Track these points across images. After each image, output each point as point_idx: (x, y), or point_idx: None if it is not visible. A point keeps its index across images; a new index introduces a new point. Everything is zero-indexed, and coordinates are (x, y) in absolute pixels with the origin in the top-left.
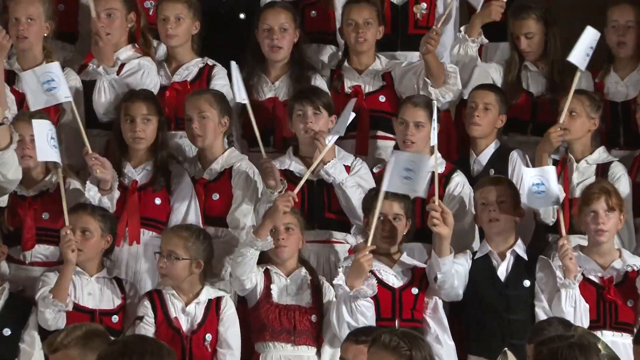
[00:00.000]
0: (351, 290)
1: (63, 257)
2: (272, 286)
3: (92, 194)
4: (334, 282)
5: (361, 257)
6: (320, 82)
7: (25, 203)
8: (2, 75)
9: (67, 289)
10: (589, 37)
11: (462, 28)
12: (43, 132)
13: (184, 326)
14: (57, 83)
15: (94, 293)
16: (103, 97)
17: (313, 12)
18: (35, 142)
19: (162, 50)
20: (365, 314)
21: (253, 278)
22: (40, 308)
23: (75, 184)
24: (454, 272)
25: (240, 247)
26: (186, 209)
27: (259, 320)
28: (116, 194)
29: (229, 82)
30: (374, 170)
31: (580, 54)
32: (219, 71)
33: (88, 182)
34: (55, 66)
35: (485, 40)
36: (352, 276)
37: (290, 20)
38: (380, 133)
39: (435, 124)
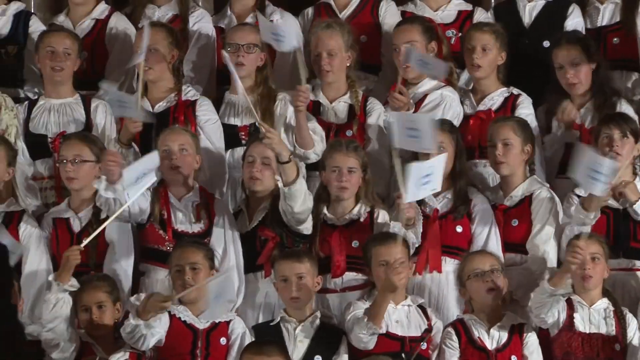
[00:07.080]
0: None
1: (389, 284)
2: (575, 315)
3: (397, 229)
4: None
5: None
6: (626, 107)
7: (336, 232)
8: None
9: (383, 315)
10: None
11: None
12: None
13: (489, 346)
14: None
15: (401, 320)
16: None
17: (615, 39)
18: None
19: (463, 77)
20: None
21: (555, 314)
22: (354, 329)
23: (383, 215)
24: None
25: (536, 295)
26: (487, 236)
27: (562, 348)
28: (420, 227)
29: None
30: None
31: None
32: (524, 100)
33: (392, 222)
34: None
35: None
36: None
37: (581, 53)
38: None
39: None
